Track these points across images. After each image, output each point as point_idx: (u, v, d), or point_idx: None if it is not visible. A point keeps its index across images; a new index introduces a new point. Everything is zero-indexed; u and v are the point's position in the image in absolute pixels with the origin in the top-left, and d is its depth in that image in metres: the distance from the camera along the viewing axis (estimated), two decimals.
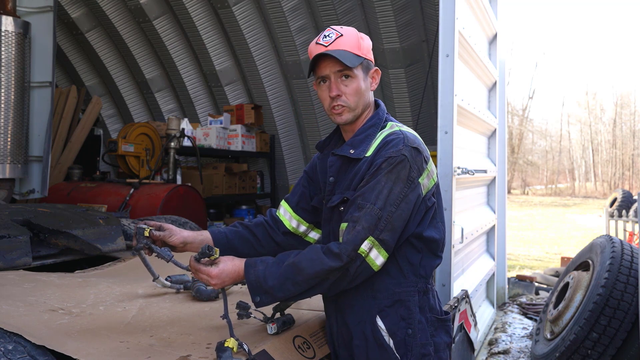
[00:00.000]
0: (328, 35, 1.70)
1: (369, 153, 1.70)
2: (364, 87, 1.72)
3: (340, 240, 1.62)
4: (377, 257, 1.62)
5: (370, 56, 1.77)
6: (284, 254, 1.68)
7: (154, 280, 2.16)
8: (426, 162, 1.72)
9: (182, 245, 1.82)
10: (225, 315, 1.62)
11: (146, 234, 1.76)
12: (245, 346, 1.55)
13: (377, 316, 1.70)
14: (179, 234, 1.82)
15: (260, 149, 7.96)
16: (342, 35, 1.69)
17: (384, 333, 1.68)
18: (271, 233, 1.94)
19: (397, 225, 1.63)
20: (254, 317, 1.80)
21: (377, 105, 1.83)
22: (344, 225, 1.63)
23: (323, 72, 1.70)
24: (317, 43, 1.71)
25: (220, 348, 1.51)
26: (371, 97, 1.80)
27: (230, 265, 1.64)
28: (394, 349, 1.68)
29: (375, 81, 1.79)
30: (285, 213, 1.97)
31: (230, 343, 1.51)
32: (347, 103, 1.71)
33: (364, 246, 1.58)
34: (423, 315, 1.72)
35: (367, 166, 1.68)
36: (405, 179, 1.63)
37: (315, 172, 1.94)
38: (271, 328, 1.73)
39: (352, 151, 1.72)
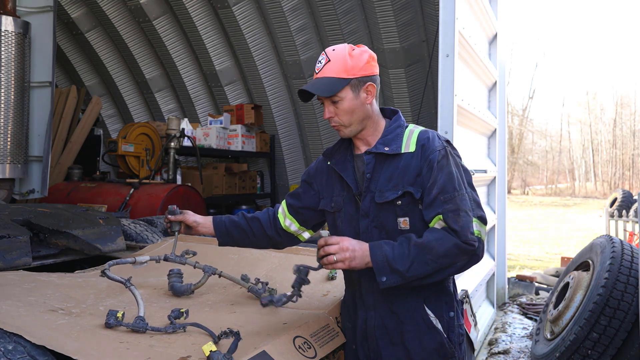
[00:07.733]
0: (320, 61, 1.83)
1: (410, 149, 1.82)
2: (355, 104, 1.81)
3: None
4: (484, 234, 1.77)
5: (364, 71, 1.81)
6: (404, 236, 1.75)
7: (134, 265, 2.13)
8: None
9: (195, 224, 2.08)
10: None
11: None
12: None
13: (424, 303, 1.84)
14: (192, 216, 2.10)
15: (260, 149, 7.96)
16: (330, 61, 1.80)
17: (432, 317, 1.84)
18: (265, 227, 2.09)
19: (479, 201, 1.82)
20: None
21: (395, 112, 1.97)
22: (438, 218, 1.74)
23: (319, 98, 1.86)
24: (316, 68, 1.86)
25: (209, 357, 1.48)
26: (371, 108, 1.87)
27: (355, 241, 1.73)
28: (441, 329, 1.84)
29: (372, 94, 1.84)
30: (283, 212, 2.10)
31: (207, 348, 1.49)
32: (340, 122, 1.85)
33: (475, 227, 1.74)
34: (456, 300, 1.90)
35: (419, 160, 1.79)
36: (459, 164, 1.84)
37: (313, 178, 2.04)
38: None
39: (386, 148, 1.83)
